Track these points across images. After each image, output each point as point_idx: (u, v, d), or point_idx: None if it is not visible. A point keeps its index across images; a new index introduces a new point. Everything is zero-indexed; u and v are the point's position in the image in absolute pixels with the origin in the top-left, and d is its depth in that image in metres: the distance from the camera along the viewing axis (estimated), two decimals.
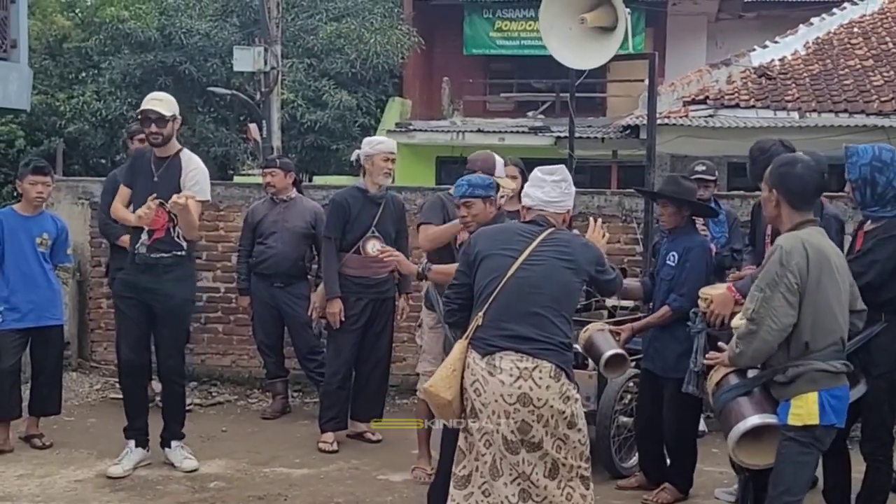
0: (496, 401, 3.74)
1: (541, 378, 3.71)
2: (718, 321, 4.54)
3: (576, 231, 4.87)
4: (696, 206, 5.33)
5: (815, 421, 3.77)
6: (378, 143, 6.11)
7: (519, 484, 3.79)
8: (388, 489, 5.38)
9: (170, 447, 5.64)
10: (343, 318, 6.01)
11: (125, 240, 6.24)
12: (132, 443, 5.55)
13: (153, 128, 5.41)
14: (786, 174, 3.92)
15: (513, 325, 3.78)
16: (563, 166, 4.26)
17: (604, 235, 4.37)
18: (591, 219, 4.47)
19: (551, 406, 3.74)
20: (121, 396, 5.94)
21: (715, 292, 4.65)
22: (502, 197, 5.11)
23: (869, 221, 4.35)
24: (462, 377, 3.86)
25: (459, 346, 3.88)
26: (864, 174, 4.28)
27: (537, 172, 4.16)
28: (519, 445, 3.77)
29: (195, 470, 5.55)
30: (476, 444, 3.85)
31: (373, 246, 6.02)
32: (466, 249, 4.08)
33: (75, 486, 5.30)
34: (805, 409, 3.77)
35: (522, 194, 4.26)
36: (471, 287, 3.99)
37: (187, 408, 6.92)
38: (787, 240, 3.85)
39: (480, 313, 3.83)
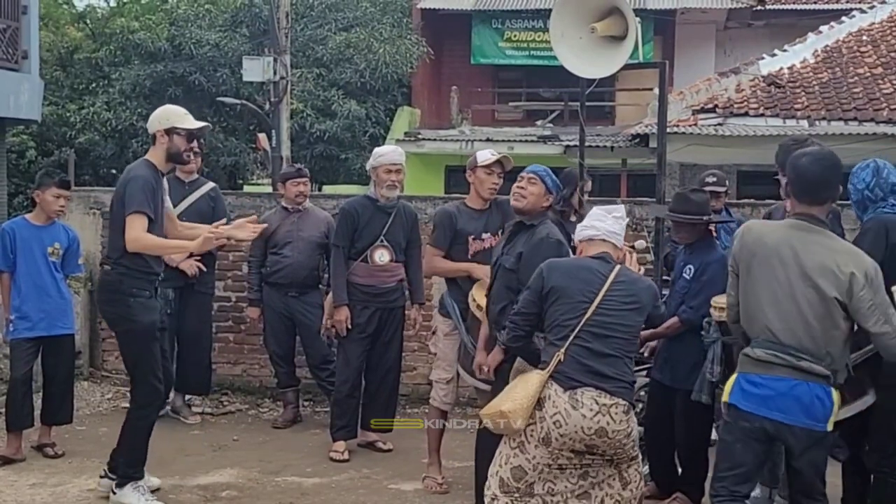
0: (576, 432, 4.02)
1: (616, 414, 4.03)
2: None
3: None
4: (708, 222, 5.26)
5: (727, 398, 3.87)
6: (380, 156, 6.05)
7: (578, 470, 4.15)
8: (399, 498, 5.37)
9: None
10: (350, 326, 6.01)
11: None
12: (143, 481, 5.14)
13: (194, 144, 5.27)
14: (792, 162, 3.93)
15: (592, 363, 4.06)
16: (622, 205, 4.55)
17: (638, 269, 4.54)
18: (626, 253, 4.54)
19: (621, 436, 4.07)
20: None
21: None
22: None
23: None
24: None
25: (540, 378, 4.10)
26: (852, 187, 4.39)
27: (597, 210, 4.44)
28: (584, 453, 4.12)
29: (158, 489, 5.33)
30: (541, 464, 4.12)
31: (380, 255, 6.03)
32: (537, 280, 4.24)
33: (87, 494, 5.30)
34: (728, 387, 3.90)
35: (584, 227, 4.40)
36: (539, 316, 4.25)
37: (198, 417, 7.00)
38: (743, 225, 4.06)
39: (562, 350, 4.08)
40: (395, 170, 6.01)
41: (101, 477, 5.25)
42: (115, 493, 5.10)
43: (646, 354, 5.32)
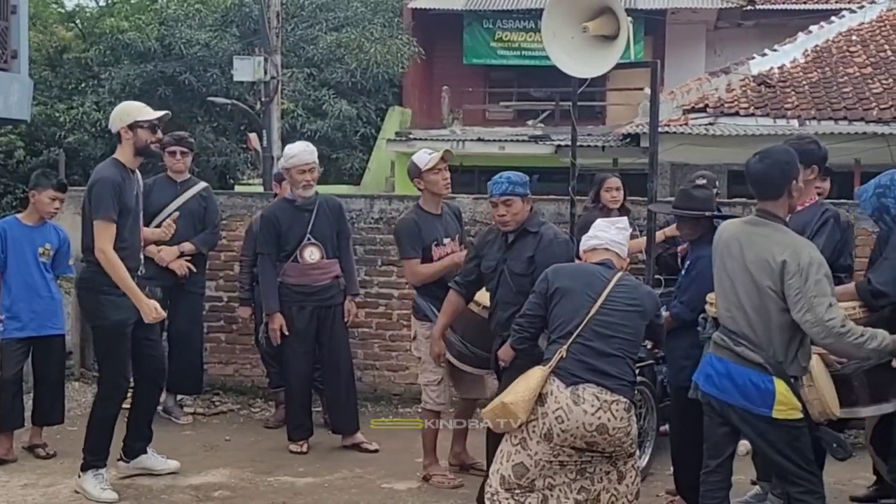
0: (577, 428, 4.09)
1: (618, 411, 4.10)
2: None
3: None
4: (711, 217, 5.23)
5: (694, 375, 4.19)
6: (292, 157, 6.02)
7: (577, 465, 4.22)
8: (392, 497, 5.37)
9: (146, 454, 5.57)
10: (286, 333, 6.02)
11: (151, 251, 6.29)
12: (104, 469, 5.30)
13: (160, 135, 5.34)
14: (746, 162, 4.09)
15: (594, 361, 4.15)
16: (625, 217, 4.69)
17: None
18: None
19: (621, 433, 4.14)
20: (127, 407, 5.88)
21: None
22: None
23: None
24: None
25: (542, 373, 4.17)
26: (875, 205, 4.40)
27: (601, 221, 4.58)
28: (584, 450, 4.18)
29: (178, 470, 5.56)
30: (542, 461, 4.17)
31: (310, 254, 6.03)
32: (542, 283, 4.37)
33: (79, 495, 5.28)
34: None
35: (588, 237, 4.51)
36: (544, 318, 4.35)
37: (189, 417, 6.99)
38: None
39: (564, 348, 4.17)
40: (308, 169, 6.02)
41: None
42: (79, 476, 5.28)
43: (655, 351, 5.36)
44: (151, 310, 5.11)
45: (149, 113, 5.23)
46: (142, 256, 5.29)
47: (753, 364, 3.86)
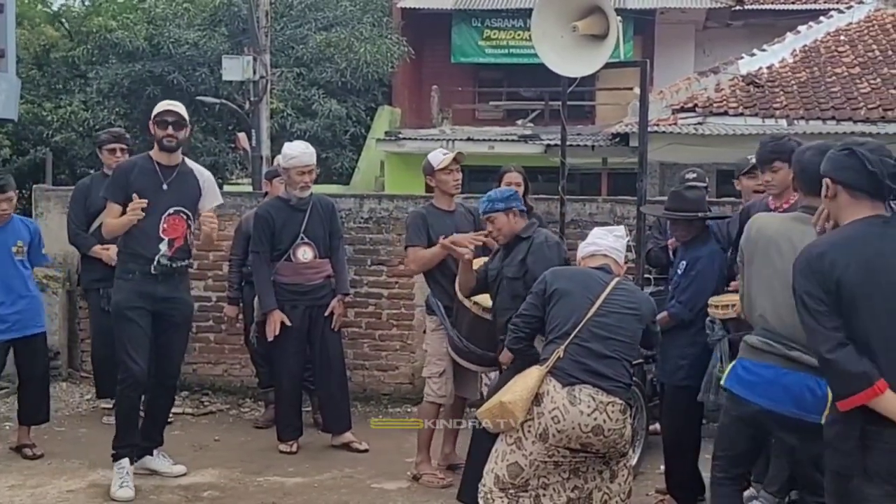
0: (573, 428, 4.08)
1: (613, 412, 4.11)
2: None
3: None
4: (704, 218, 5.22)
5: (723, 381, 3.96)
6: (291, 158, 6.03)
7: (571, 465, 4.23)
8: (382, 497, 5.36)
9: (151, 455, 5.58)
10: (287, 324, 6.00)
11: (97, 250, 6.37)
12: (126, 461, 5.32)
13: (170, 130, 5.33)
14: (797, 157, 3.89)
15: (591, 362, 4.16)
16: (622, 226, 4.75)
17: None
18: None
19: (616, 435, 4.15)
20: (112, 407, 5.89)
21: (729, 298, 4.62)
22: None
23: None
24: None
25: (539, 373, 4.17)
26: None
27: (598, 229, 4.67)
28: (578, 451, 4.19)
29: (185, 474, 5.55)
30: (537, 461, 4.17)
31: (303, 253, 6.04)
32: (540, 285, 4.40)
33: (67, 496, 5.26)
34: (727, 371, 3.99)
35: (586, 244, 4.56)
36: (541, 319, 4.37)
37: (178, 417, 6.96)
38: (751, 218, 4.11)
39: (561, 348, 4.18)
40: (308, 171, 6.04)
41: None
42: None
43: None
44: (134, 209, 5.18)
45: (161, 108, 5.45)
46: (163, 247, 5.28)
47: (811, 368, 3.57)
